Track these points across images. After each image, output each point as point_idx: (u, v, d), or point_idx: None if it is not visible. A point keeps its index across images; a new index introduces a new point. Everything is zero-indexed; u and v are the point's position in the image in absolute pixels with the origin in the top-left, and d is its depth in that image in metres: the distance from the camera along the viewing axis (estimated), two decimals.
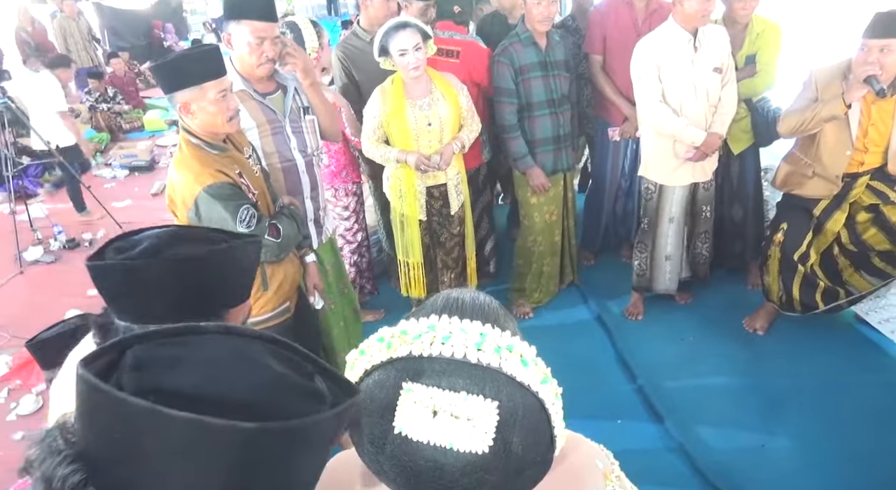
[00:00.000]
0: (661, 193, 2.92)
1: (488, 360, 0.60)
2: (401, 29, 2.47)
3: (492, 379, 0.60)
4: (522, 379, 0.61)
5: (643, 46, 2.70)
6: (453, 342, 0.61)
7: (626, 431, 2.48)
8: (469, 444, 0.58)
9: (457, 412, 0.58)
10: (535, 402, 0.62)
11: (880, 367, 2.72)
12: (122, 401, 0.46)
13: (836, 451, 2.30)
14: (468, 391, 0.59)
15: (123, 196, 5.66)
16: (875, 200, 2.57)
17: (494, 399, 0.59)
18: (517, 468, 0.61)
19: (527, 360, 0.62)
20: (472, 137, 2.78)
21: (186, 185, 1.75)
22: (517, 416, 0.60)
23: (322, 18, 15.97)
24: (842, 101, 2.34)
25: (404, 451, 0.60)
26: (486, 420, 0.58)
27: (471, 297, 0.70)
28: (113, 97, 7.50)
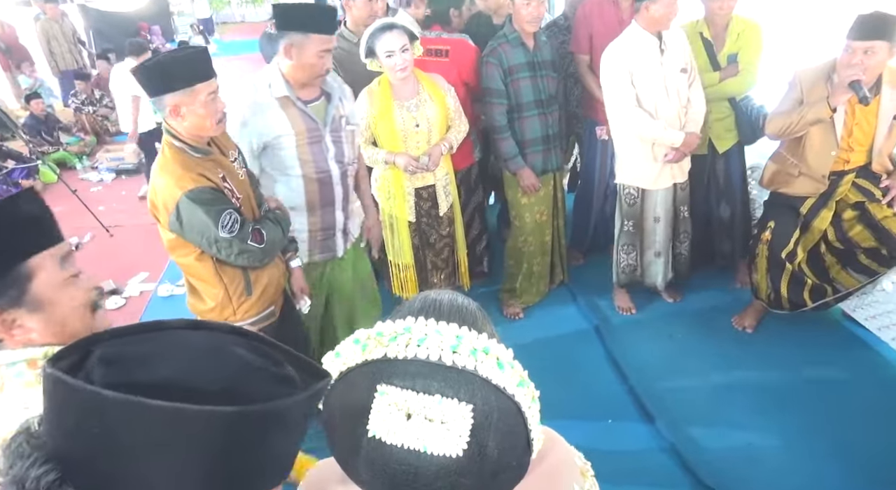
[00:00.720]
0: (643, 198, 2.93)
1: (464, 362, 0.60)
2: (387, 30, 2.46)
3: (467, 382, 0.60)
4: (498, 382, 0.61)
5: (612, 53, 2.70)
6: (428, 344, 0.61)
7: (616, 431, 2.48)
8: (443, 447, 0.58)
9: (431, 415, 0.58)
10: (511, 405, 0.62)
11: (867, 363, 2.74)
12: (96, 394, 0.45)
13: (824, 447, 2.31)
14: (443, 394, 0.59)
15: (110, 199, 5.61)
16: (861, 198, 2.59)
17: (469, 402, 0.59)
18: (493, 471, 0.61)
19: (503, 362, 0.62)
20: (459, 138, 2.77)
21: (167, 189, 1.72)
22: (492, 419, 0.60)
23: None
24: (827, 104, 2.36)
25: (379, 454, 0.60)
26: (461, 423, 0.58)
27: (448, 299, 0.70)
28: (100, 99, 7.43)
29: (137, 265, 4.26)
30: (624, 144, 2.88)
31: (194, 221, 1.72)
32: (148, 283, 4.07)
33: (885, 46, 2.26)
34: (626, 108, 2.72)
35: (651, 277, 3.12)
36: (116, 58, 9.34)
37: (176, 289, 3.95)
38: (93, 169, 6.36)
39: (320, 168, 2.15)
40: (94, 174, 6.23)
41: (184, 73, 1.68)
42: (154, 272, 4.17)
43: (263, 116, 2.04)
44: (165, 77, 1.68)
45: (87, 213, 4.81)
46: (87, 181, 6.11)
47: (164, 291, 3.94)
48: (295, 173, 2.13)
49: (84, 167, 6.38)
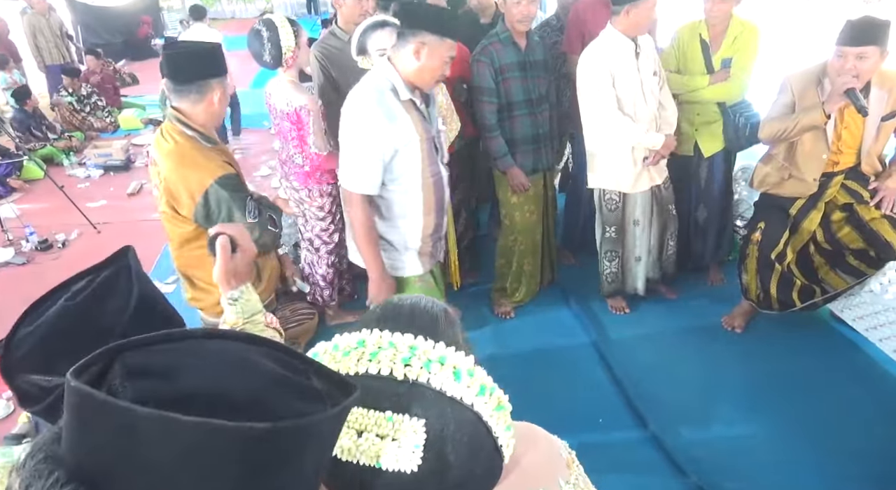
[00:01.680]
0: (625, 202, 2.94)
1: (415, 375, 0.59)
2: (379, 28, 2.45)
3: (419, 395, 0.58)
4: (453, 393, 0.59)
5: (590, 57, 2.69)
6: (381, 358, 0.59)
7: (607, 429, 2.48)
8: (396, 463, 0.57)
9: (382, 432, 0.57)
10: (470, 414, 0.60)
11: (854, 363, 2.77)
12: (127, 410, 0.43)
13: (812, 446, 2.33)
14: (394, 410, 0.58)
15: (98, 196, 5.55)
16: (849, 200, 2.61)
17: (421, 417, 0.57)
18: (457, 483, 0.59)
19: (460, 371, 0.60)
20: (451, 136, 2.76)
21: (195, 177, 1.77)
22: (448, 431, 0.58)
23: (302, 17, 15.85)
24: (822, 111, 2.36)
25: (333, 472, 0.59)
26: (413, 438, 0.57)
27: (410, 305, 0.68)
28: (88, 96, 7.35)
29: None
30: (601, 149, 2.86)
31: (222, 208, 1.79)
32: None
33: (877, 51, 2.27)
34: (608, 112, 2.71)
35: (631, 284, 3.12)
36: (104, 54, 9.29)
37: (165, 286, 3.91)
38: (80, 165, 6.29)
39: (434, 171, 2.07)
40: (81, 170, 6.16)
41: (223, 63, 1.80)
42: None
43: (396, 122, 1.91)
44: (219, 62, 1.80)
45: (75, 209, 4.75)
46: (75, 177, 6.04)
47: None
48: (417, 179, 2.02)
49: (71, 163, 6.31)
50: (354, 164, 1.94)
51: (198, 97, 1.78)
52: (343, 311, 3.29)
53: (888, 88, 2.39)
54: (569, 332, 3.11)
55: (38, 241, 4.51)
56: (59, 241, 4.60)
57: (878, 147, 2.54)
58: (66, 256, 4.48)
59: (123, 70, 10.08)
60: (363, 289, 3.35)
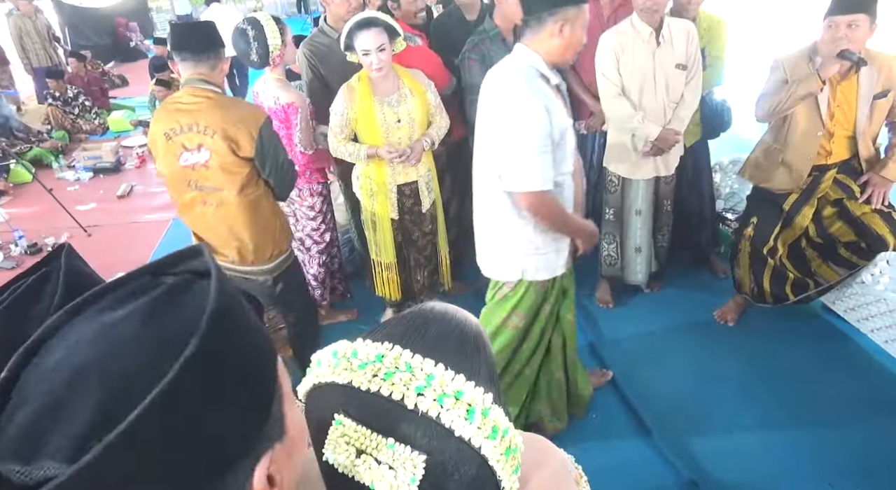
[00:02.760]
0: (624, 186, 2.95)
1: (427, 407, 0.56)
2: (365, 28, 2.43)
3: (427, 428, 0.56)
4: (462, 433, 0.56)
5: (605, 39, 2.71)
6: (395, 380, 0.57)
7: (601, 425, 2.48)
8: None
9: (381, 458, 0.56)
10: (476, 457, 0.57)
11: (847, 355, 2.78)
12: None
13: (804, 437, 2.33)
14: (397, 438, 0.56)
15: (88, 199, 5.51)
16: (840, 195, 2.61)
17: (423, 452, 0.55)
18: None
19: (474, 410, 0.57)
20: (440, 134, 2.75)
21: (251, 117, 2.09)
22: (449, 470, 0.56)
23: (292, 16, 15.79)
24: (817, 77, 2.35)
25: (331, 476, 0.58)
26: (411, 471, 0.55)
27: (440, 322, 0.64)
28: (74, 98, 7.30)
29: (117, 265, 4.13)
30: (610, 131, 2.91)
31: (274, 143, 2.12)
32: None
33: (867, 19, 2.27)
34: (608, 93, 2.73)
35: (632, 275, 3.13)
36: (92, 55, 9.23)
37: None
38: (69, 168, 6.24)
39: (577, 165, 1.98)
40: (70, 173, 6.11)
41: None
42: None
43: (553, 110, 1.80)
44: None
45: (64, 212, 4.72)
46: (64, 180, 5.99)
47: None
48: (567, 170, 1.92)
49: (61, 166, 6.26)
50: (528, 161, 1.79)
51: (215, 63, 2.11)
52: (335, 310, 3.28)
53: (878, 67, 2.40)
54: None
55: (28, 245, 4.47)
56: (49, 244, 4.56)
57: (873, 128, 2.54)
58: None
59: (112, 72, 10.02)
60: (356, 288, 3.35)
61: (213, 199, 2.18)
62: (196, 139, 2.09)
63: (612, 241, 3.09)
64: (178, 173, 2.16)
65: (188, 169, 2.14)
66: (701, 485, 2.18)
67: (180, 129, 2.10)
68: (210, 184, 2.16)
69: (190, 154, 2.12)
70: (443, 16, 3.37)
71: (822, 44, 2.40)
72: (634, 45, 2.66)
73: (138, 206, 5.37)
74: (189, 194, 2.19)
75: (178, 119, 2.09)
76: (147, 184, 5.88)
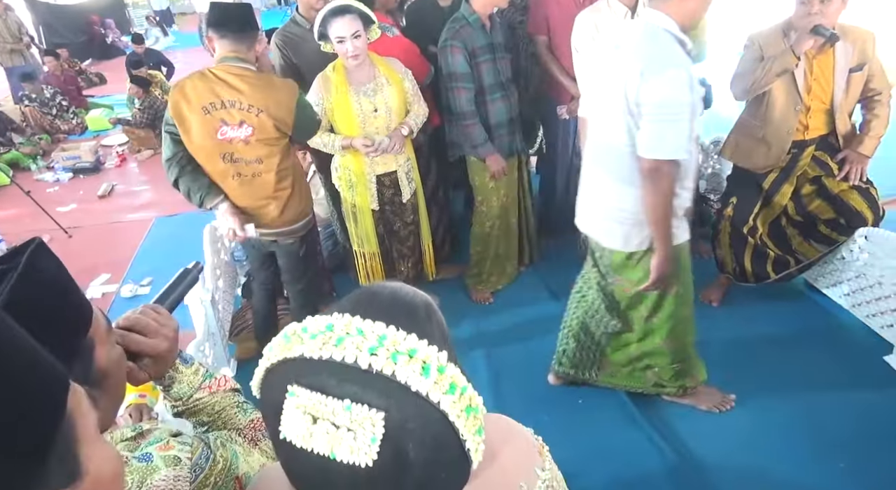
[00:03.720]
0: None
1: (381, 365, 0.55)
2: (339, 15, 2.39)
3: (382, 387, 0.55)
4: (419, 388, 0.56)
5: (580, 21, 2.69)
6: (346, 344, 0.56)
7: (587, 409, 2.49)
8: (351, 455, 0.54)
9: (338, 421, 0.54)
10: (435, 412, 0.57)
11: (830, 330, 2.80)
12: None
13: (788, 415, 2.35)
14: (353, 399, 0.55)
15: (68, 200, 5.45)
16: (819, 172, 2.62)
17: (381, 409, 0.54)
18: (418, 483, 0.57)
19: (429, 367, 0.57)
20: (419, 122, 2.73)
21: (287, 93, 2.23)
22: (409, 427, 0.55)
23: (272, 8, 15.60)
24: (792, 53, 2.35)
25: (293, 456, 0.57)
26: (370, 431, 0.54)
27: (389, 293, 0.65)
28: (52, 98, 7.18)
29: (98, 267, 4.14)
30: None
31: (308, 111, 2.31)
32: (110, 285, 3.96)
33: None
34: (581, 68, 2.71)
35: None
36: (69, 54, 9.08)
37: (140, 289, 3.85)
38: (48, 169, 6.16)
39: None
40: (49, 174, 6.03)
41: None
42: (116, 273, 4.06)
43: (692, 76, 1.78)
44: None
45: (44, 214, 4.66)
46: (43, 182, 5.92)
47: (126, 292, 3.83)
48: (694, 138, 1.88)
49: (39, 168, 6.17)
50: (673, 128, 1.76)
51: (251, 43, 2.20)
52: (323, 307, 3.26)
53: (852, 41, 2.41)
54: (548, 315, 3.09)
55: (7, 248, 4.40)
56: None
57: (849, 102, 2.54)
58: None
59: (89, 69, 9.87)
60: (340, 283, 3.33)
61: (249, 171, 2.30)
62: (238, 116, 2.20)
63: None
64: (213, 146, 2.24)
65: (225, 142, 2.23)
66: (687, 466, 2.19)
67: (221, 105, 2.18)
68: (247, 157, 2.28)
69: (230, 129, 2.22)
70: (417, 2, 3.33)
71: (796, 19, 2.40)
72: (610, 24, 2.64)
73: (120, 205, 5.31)
74: (221, 166, 2.28)
75: (218, 94, 2.17)
76: (128, 183, 5.82)
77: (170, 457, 0.78)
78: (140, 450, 0.79)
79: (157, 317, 0.92)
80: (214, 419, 1.01)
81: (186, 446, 0.81)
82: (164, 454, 0.79)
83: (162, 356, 0.91)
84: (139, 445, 0.80)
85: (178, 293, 1.01)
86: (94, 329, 0.74)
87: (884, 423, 2.26)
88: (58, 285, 0.69)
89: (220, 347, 2.73)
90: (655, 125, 1.78)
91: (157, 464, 0.77)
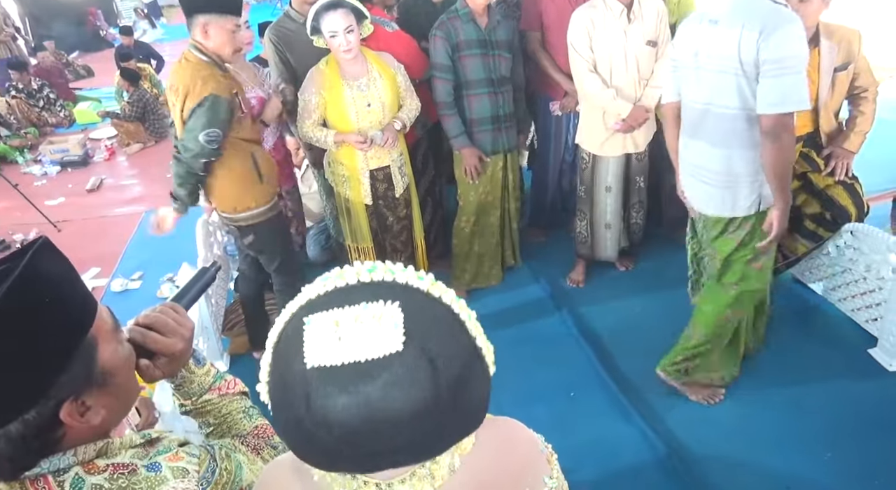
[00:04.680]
0: (594, 163, 2.97)
1: (381, 276, 0.61)
2: (331, 9, 2.39)
3: (388, 289, 0.60)
4: (419, 285, 0.61)
5: (577, 17, 2.71)
6: (345, 273, 0.61)
7: (579, 403, 2.52)
8: (380, 348, 0.55)
9: (361, 318, 0.56)
10: (440, 306, 0.61)
11: (816, 323, 2.84)
12: None
13: (778, 408, 2.39)
14: (367, 301, 0.58)
15: (56, 193, 5.40)
16: (805, 168, 2.66)
17: (395, 300, 0.58)
18: (448, 385, 0.57)
19: (423, 276, 0.62)
20: (412, 116, 2.73)
21: (203, 85, 2.17)
22: (423, 316, 0.59)
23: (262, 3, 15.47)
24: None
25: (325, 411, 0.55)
26: (390, 319, 0.56)
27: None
28: (39, 90, 7.10)
29: (88, 261, 4.12)
30: (582, 108, 2.93)
31: (197, 115, 2.20)
32: (100, 279, 3.94)
33: None
34: (580, 70, 2.74)
35: (601, 251, 3.16)
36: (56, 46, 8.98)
37: (130, 283, 3.84)
38: (36, 162, 6.10)
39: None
40: (37, 168, 5.97)
41: (221, 4, 2.18)
42: (106, 267, 4.04)
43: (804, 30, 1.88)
44: (205, 3, 2.18)
45: (32, 208, 4.62)
46: (31, 175, 5.86)
47: (117, 286, 3.82)
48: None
49: (26, 161, 6.11)
50: (795, 81, 1.85)
51: (193, 30, 2.21)
52: None
53: (836, 40, 2.43)
54: (539, 309, 3.13)
55: None
56: (18, 241, 4.46)
57: (835, 101, 2.58)
58: None
59: (77, 62, 9.76)
60: None
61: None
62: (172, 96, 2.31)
63: (582, 217, 3.11)
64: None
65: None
66: (677, 458, 2.23)
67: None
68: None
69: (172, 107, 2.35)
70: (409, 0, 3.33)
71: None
72: (606, 21, 2.66)
73: (109, 199, 5.27)
74: None
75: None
76: (117, 177, 5.78)
77: (178, 468, 0.79)
78: (149, 458, 0.79)
79: (176, 316, 0.94)
80: (220, 422, 1.02)
81: (194, 458, 0.82)
82: (173, 465, 0.80)
83: (177, 356, 0.93)
84: (148, 453, 0.80)
85: (194, 292, 1.03)
86: (98, 328, 0.75)
87: (868, 414, 2.31)
88: (57, 286, 0.72)
89: (213, 341, 2.73)
90: (778, 80, 1.85)
91: (166, 474, 0.78)
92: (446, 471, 0.68)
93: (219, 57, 2.25)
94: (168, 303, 0.96)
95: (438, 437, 0.59)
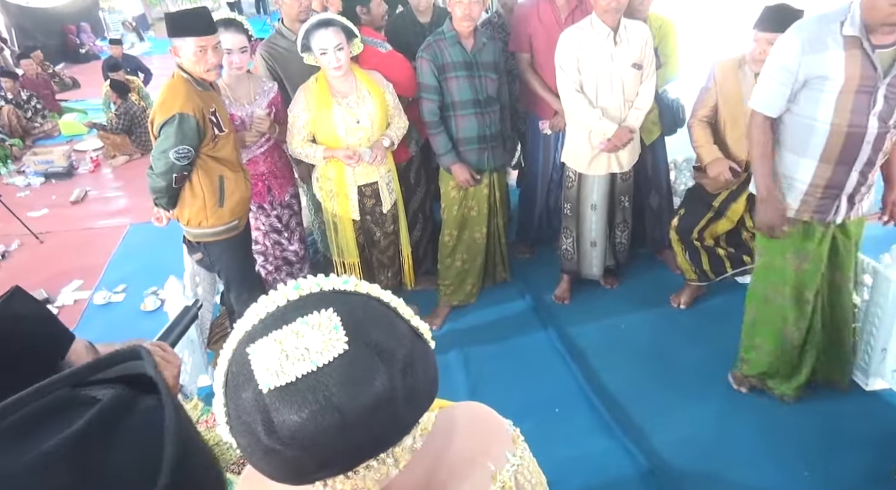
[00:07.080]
0: (580, 182, 3.02)
1: (308, 289, 0.64)
2: (322, 27, 2.43)
3: (318, 299, 0.63)
4: (345, 288, 0.65)
5: (565, 38, 2.78)
6: (272, 297, 0.64)
7: (563, 419, 2.53)
8: (327, 352, 0.58)
9: (301, 332, 0.59)
10: (370, 299, 0.65)
11: None
12: None
13: (761, 424, 2.42)
14: (301, 316, 0.60)
15: (40, 205, 5.34)
16: None
17: (328, 307, 0.61)
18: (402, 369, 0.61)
19: (347, 279, 0.66)
20: (399, 134, 2.77)
21: (172, 102, 2.23)
22: (359, 314, 0.62)
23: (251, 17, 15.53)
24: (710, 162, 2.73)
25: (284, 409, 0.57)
26: (329, 324, 0.59)
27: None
28: (27, 100, 7.06)
29: (71, 273, 4.08)
30: (569, 128, 3.00)
31: (167, 134, 2.25)
32: (82, 292, 3.90)
33: None
34: (567, 91, 2.80)
35: (587, 268, 3.21)
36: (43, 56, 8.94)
37: (113, 296, 3.80)
38: (19, 173, 6.03)
39: (856, 122, 1.96)
40: (20, 179, 5.91)
41: (182, 26, 2.23)
42: (89, 279, 4.00)
43: (818, 53, 1.91)
44: (170, 26, 2.26)
45: (14, 219, 4.57)
46: (13, 186, 5.80)
47: (100, 299, 3.78)
48: (824, 120, 1.99)
49: (9, 171, 6.05)
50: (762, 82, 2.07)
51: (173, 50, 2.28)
52: None
53: None
54: (524, 325, 3.16)
55: None
56: (0, 252, 4.41)
57: None
58: (7, 268, 4.30)
59: (63, 73, 9.71)
60: None
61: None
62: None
63: (568, 235, 3.16)
64: None
65: None
66: (659, 474, 2.25)
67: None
68: None
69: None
70: (397, 18, 3.37)
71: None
72: (593, 43, 2.73)
73: (93, 211, 5.23)
74: None
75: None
76: (102, 189, 5.74)
77: None
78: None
79: (164, 354, 0.97)
80: None
81: None
82: None
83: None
84: None
85: (179, 330, 1.06)
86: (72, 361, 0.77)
87: (846, 433, 2.34)
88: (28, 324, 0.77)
89: (199, 355, 2.71)
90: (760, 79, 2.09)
91: None
92: (408, 453, 0.70)
93: (194, 75, 2.30)
94: (155, 341, 1.00)
95: (400, 420, 0.63)
